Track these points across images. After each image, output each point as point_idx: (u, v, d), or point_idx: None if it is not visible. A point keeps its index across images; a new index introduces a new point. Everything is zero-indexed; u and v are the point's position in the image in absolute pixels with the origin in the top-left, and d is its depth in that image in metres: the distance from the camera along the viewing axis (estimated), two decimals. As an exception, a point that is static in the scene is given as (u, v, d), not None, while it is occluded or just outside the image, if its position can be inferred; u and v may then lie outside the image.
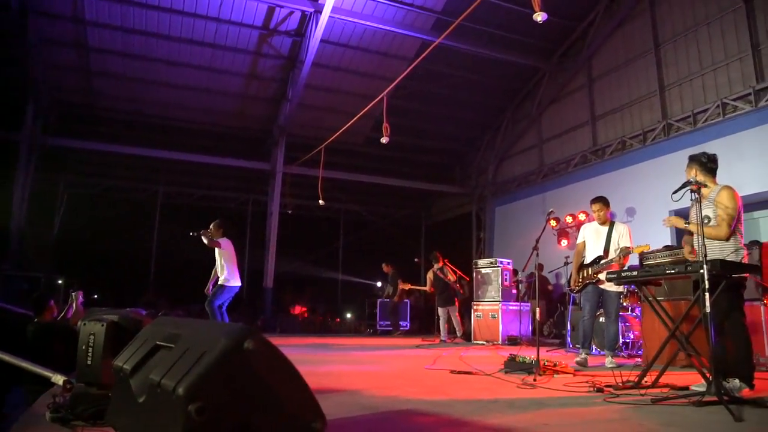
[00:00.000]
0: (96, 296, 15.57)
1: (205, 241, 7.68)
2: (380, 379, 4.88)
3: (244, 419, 1.71)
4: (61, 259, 15.76)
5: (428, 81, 14.35)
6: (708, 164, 4.28)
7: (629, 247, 5.85)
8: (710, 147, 9.44)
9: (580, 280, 6.13)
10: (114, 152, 14.76)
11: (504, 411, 3.28)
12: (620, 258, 5.81)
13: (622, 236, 6.01)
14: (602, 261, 5.98)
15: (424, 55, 10.17)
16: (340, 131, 12.76)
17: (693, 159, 4.36)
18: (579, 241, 6.34)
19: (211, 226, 7.85)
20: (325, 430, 1.96)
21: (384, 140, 10.26)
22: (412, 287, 11.86)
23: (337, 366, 5.97)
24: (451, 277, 11.00)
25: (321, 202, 13.79)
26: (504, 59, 13.66)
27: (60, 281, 13.41)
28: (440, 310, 11.00)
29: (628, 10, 12.51)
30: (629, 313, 7.80)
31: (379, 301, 14.54)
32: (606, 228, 6.12)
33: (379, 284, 18.01)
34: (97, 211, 17.45)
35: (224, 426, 1.68)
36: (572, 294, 7.76)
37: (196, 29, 12.45)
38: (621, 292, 6.22)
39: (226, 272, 7.70)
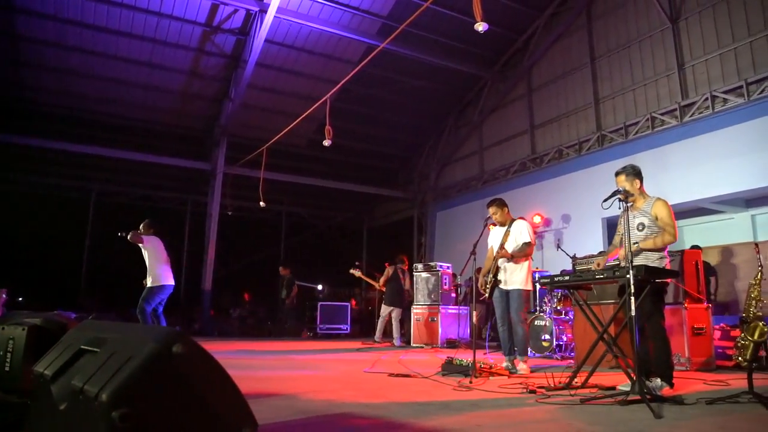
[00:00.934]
0: (21, 299, 14.79)
1: (128, 237, 7.46)
2: (318, 383, 4.86)
3: (170, 426, 1.67)
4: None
5: (373, 85, 14.39)
6: (640, 175, 4.58)
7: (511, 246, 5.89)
8: (640, 158, 9.97)
9: (488, 284, 6.02)
10: (44, 147, 14.01)
11: (439, 413, 3.33)
12: (496, 258, 5.87)
13: (520, 233, 5.95)
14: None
15: (368, 59, 10.19)
16: (283, 132, 12.63)
17: (634, 171, 4.56)
18: (489, 247, 6.28)
19: (141, 227, 7.68)
20: (257, 435, 1.93)
21: (327, 143, 10.21)
22: (362, 276, 11.67)
23: (275, 370, 5.89)
24: (408, 285, 11.05)
25: (262, 203, 13.58)
26: (448, 66, 13.89)
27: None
28: (384, 308, 10.90)
29: (567, 25, 13.00)
30: (562, 316, 8.07)
31: (319, 304, 14.40)
32: (505, 229, 6.10)
33: (320, 287, 17.87)
34: (25, 210, 16.61)
35: (150, 433, 1.63)
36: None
37: (136, 23, 12.03)
38: (524, 290, 5.80)
39: (155, 272, 7.49)
